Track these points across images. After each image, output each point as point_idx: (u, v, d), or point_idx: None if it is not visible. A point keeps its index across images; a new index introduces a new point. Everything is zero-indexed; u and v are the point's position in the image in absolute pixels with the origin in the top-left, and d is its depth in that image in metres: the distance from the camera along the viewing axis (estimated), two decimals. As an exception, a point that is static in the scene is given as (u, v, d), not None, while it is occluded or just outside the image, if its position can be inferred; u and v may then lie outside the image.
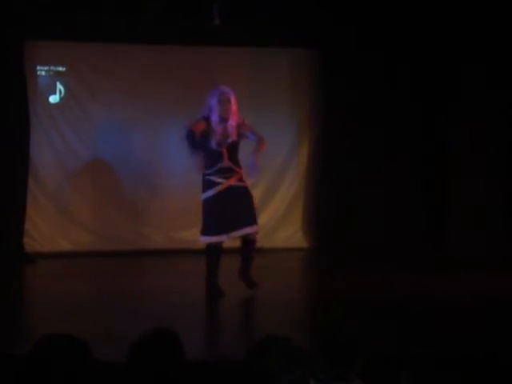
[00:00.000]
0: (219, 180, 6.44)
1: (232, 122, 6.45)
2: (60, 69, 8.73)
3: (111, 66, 8.86)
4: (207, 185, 6.49)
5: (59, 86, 8.75)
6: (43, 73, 8.70)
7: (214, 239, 6.50)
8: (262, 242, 8.77)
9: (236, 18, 8.33)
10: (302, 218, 9.30)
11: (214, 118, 6.43)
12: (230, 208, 6.39)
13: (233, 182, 6.45)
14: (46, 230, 8.75)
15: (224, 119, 6.44)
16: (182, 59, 8.93)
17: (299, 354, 2.50)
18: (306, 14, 8.56)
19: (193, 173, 6.89)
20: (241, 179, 6.53)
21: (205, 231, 6.56)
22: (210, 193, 6.47)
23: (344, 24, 8.65)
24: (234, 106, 6.46)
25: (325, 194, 9.07)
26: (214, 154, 6.46)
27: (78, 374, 2.48)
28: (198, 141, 6.50)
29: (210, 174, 6.47)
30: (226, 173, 6.45)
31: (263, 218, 8.68)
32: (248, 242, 6.56)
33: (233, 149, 6.51)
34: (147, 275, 7.74)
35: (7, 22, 8.11)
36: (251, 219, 6.50)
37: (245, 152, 6.73)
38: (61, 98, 8.77)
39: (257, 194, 9.08)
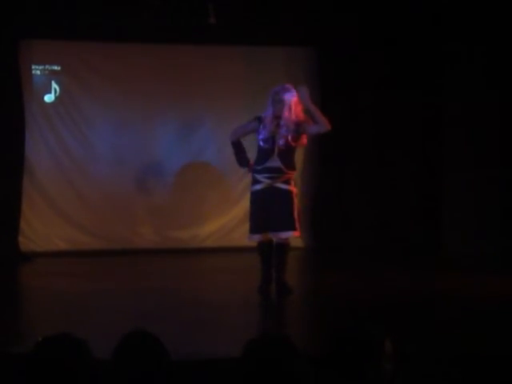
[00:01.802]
0: (263, 179, 6.37)
1: (287, 121, 6.31)
2: (55, 68, 8.73)
3: (106, 64, 8.85)
4: (253, 181, 6.46)
5: (54, 85, 8.74)
6: (38, 72, 8.69)
7: (253, 237, 6.45)
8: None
9: (232, 16, 8.33)
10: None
11: (267, 115, 6.38)
12: (268, 209, 6.32)
13: (276, 183, 6.35)
14: (41, 228, 8.74)
15: (278, 117, 6.34)
16: (178, 58, 8.93)
17: (295, 351, 2.50)
18: (302, 12, 8.57)
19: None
20: (287, 181, 6.39)
21: (250, 228, 6.49)
22: (253, 188, 6.44)
23: (340, 22, 8.65)
24: (293, 107, 6.32)
25: (321, 193, 9.08)
26: (263, 150, 6.39)
27: (77, 373, 2.49)
28: (242, 154, 6.55)
29: (256, 171, 6.41)
30: (271, 172, 6.35)
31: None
32: (278, 245, 6.43)
33: (286, 150, 6.38)
34: (143, 274, 7.74)
35: (2, 21, 8.09)
36: (287, 224, 6.35)
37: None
38: (56, 97, 8.77)
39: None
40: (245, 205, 9.06)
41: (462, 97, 8.59)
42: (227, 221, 9.13)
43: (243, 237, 8.94)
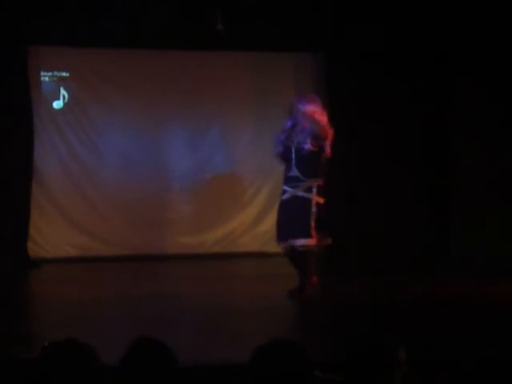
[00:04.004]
0: (286, 188, 6.43)
1: (306, 128, 6.33)
2: (63, 74, 8.75)
3: (115, 71, 8.86)
4: (282, 190, 6.51)
5: (63, 92, 8.76)
6: (47, 78, 8.72)
7: (278, 245, 6.50)
8: (265, 247, 8.82)
9: (239, 23, 8.34)
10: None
11: (285, 125, 6.41)
12: (287, 217, 6.36)
13: (298, 192, 6.37)
14: (51, 235, 8.75)
15: (294, 125, 6.38)
16: (186, 64, 8.94)
17: (304, 357, 2.50)
18: (309, 18, 8.57)
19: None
20: (308, 189, 6.39)
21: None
22: (281, 198, 6.49)
23: (347, 28, 8.65)
24: (304, 113, 6.34)
25: (327, 198, 9.05)
26: (286, 159, 6.45)
27: (84, 379, 2.48)
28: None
29: (283, 181, 6.49)
30: (292, 182, 6.40)
31: (267, 224, 8.67)
32: (297, 253, 6.43)
33: (303, 156, 6.38)
34: (151, 280, 7.73)
35: (11, 28, 8.12)
36: (302, 232, 6.36)
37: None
38: (64, 104, 8.79)
39: (261, 198, 9.12)
40: (253, 210, 9.11)
41: (473, 99, 8.57)
42: (235, 226, 9.13)
43: (252, 242, 9.01)
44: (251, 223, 9.11)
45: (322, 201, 6.47)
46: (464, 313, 6.02)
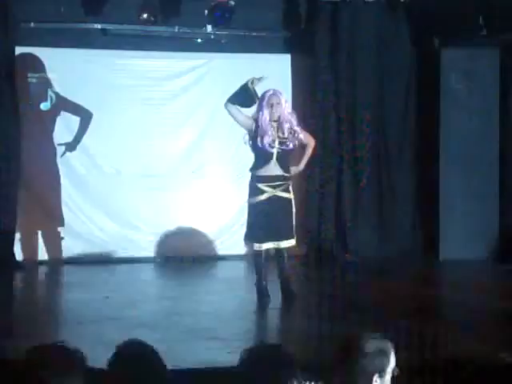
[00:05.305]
0: (266, 188, 6.29)
1: (285, 124, 6.25)
2: (51, 76, 8.70)
3: (104, 72, 8.82)
4: (253, 191, 6.34)
5: (50, 93, 8.72)
6: (34, 80, 8.67)
7: (256, 246, 6.38)
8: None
9: (228, 25, 8.35)
10: (296, 225, 9.26)
11: (264, 119, 6.24)
12: (271, 219, 6.25)
13: (278, 192, 6.28)
14: (37, 237, 8.69)
15: (275, 121, 6.27)
16: (176, 66, 8.93)
17: (288, 360, 2.49)
18: (298, 19, 8.62)
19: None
20: (287, 189, 6.35)
21: (247, 236, 6.45)
22: (254, 199, 6.32)
23: (336, 27, 8.71)
24: (286, 109, 6.31)
25: (318, 199, 9.06)
26: (264, 156, 6.28)
27: (70, 382, 2.46)
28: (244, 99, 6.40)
29: (257, 180, 6.31)
30: (273, 181, 6.28)
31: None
32: (281, 252, 6.41)
33: (285, 154, 6.32)
34: (139, 283, 7.72)
35: (-2, 29, 8.10)
36: (287, 233, 6.35)
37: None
38: (52, 105, 8.74)
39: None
40: (242, 213, 9.07)
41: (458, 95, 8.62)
42: (224, 229, 9.10)
43: (238, 245, 8.96)
44: (240, 226, 9.08)
45: None
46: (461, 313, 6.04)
